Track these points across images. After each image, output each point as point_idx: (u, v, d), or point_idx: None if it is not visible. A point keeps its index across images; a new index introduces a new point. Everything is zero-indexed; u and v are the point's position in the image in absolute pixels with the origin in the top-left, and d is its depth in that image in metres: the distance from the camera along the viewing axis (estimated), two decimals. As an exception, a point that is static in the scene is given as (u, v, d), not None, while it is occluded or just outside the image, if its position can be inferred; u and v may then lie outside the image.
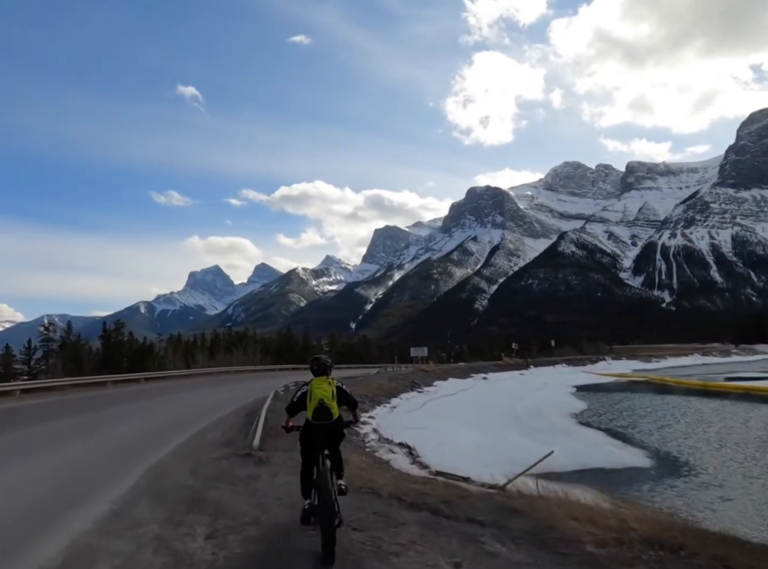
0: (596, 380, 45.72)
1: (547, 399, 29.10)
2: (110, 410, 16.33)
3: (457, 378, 37.21)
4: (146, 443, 9.72)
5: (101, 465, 7.76)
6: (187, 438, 10.34)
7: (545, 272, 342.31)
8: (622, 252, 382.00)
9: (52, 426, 12.10)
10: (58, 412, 15.37)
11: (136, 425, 12.68)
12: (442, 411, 23.23)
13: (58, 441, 9.77)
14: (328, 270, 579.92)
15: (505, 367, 50.97)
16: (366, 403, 20.79)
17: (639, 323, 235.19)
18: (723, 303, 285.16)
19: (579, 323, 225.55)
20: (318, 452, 4.39)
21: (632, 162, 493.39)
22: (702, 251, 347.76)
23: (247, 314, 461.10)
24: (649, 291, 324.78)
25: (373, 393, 23.89)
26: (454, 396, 29.83)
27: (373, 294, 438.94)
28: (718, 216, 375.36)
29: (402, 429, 15.86)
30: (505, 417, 22.21)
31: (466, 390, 33.31)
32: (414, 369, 37.74)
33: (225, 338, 52.01)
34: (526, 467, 9.32)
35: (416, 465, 10.93)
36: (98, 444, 9.65)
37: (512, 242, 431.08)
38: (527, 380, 41.98)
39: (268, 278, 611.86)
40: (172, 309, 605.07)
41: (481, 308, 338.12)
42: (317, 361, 4.70)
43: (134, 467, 7.31)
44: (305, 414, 4.44)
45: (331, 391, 4.40)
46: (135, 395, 21.86)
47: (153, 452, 8.53)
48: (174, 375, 32.99)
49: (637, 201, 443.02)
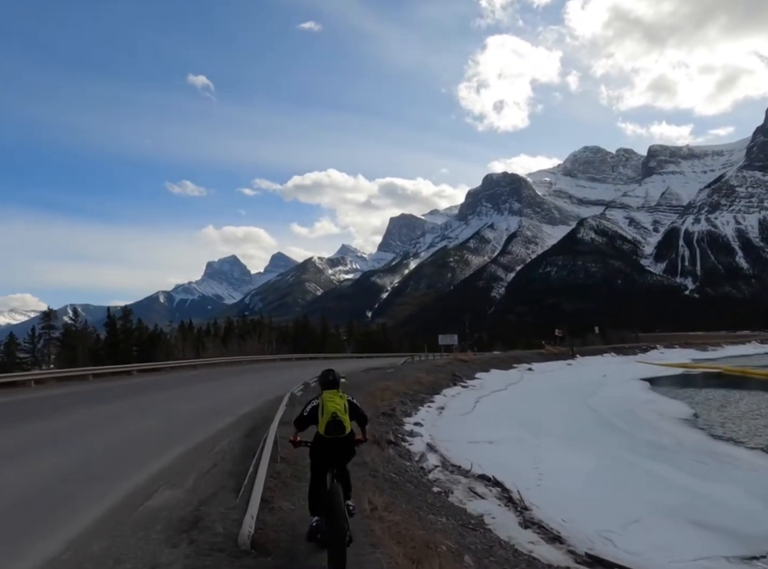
0: (660, 372, 40.34)
1: (624, 396, 25.08)
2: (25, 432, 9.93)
3: (500, 369, 34.27)
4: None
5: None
6: (110, 506, 5.33)
7: (564, 259, 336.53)
8: (644, 239, 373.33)
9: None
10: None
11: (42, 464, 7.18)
12: (502, 413, 19.54)
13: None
14: (344, 259, 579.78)
15: (549, 356, 46.84)
16: (407, 403, 17.92)
17: (661, 311, 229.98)
18: (749, 290, 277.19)
19: (598, 311, 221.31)
20: (329, 468, 4.33)
21: (654, 146, 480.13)
22: (727, 237, 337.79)
23: (264, 304, 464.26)
24: (672, 278, 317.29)
25: (412, 390, 20.57)
26: (503, 391, 26.40)
27: (389, 283, 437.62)
28: (744, 200, 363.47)
29: (464, 442, 12.75)
30: (594, 423, 18.06)
31: (516, 384, 29.92)
32: (450, 359, 34.61)
33: (239, 326, 50.70)
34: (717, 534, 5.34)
35: (533, 530, 6.76)
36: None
37: (530, 230, 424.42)
38: (579, 372, 37.90)
39: (284, 267, 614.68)
40: (191, 299, 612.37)
41: (498, 296, 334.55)
42: (331, 373, 4.55)
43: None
44: (315, 428, 4.34)
45: (343, 405, 4.33)
46: (106, 394, 17.38)
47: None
48: (174, 366, 29.45)
49: (659, 186, 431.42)
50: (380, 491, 6.60)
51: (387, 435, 11.97)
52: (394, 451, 10.90)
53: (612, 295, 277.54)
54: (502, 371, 33.77)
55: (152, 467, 6.88)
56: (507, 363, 38.02)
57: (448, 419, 17.27)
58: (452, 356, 38.22)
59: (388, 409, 15.71)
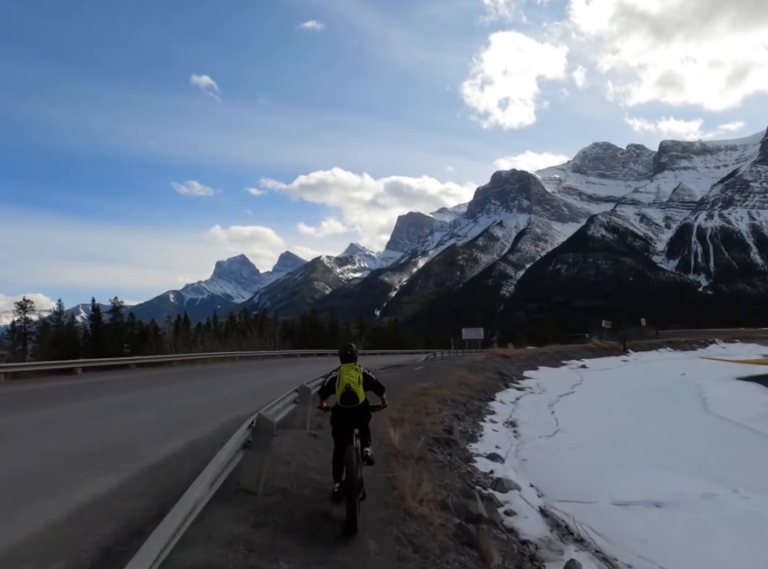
0: (745, 370, 33.36)
1: (748, 401, 19.81)
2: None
3: (549, 366, 30.07)
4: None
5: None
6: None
7: (574, 256, 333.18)
8: (655, 235, 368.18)
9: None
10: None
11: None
12: (605, 432, 13.88)
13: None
14: (352, 258, 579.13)
15: (598, 351, 41.68)
16: (463, 417, 12.93)
17: (674, 308, 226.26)
18: (764, 286, 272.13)
19: (610, 308, 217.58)
20: (348, 433, 4.79)
21: (666, 141, 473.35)
22: (741, 233, 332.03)
23: (272, 302, 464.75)
24: (685, 275, 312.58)
25: (460, 394, 15.69)
26: (573, 396, 21.11)
27: (397, 281, 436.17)
28: (759, 195, 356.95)
29: (606, 504, 7.49)
30: (744, 451, 12.39)
31: (580, 384, 24.86)
32: (489, 354, 30.47)
33: (241, 321, 48.73)
34: None
35: None
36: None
37: (539, 227, 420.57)
38: (647, 370, 32.83)
39: (292, 266, 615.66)
40: (200, 298, 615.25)
41: (508, 294, 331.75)
42: (348, 348, 5.09)
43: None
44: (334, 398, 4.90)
45: (357, 377, 4.84)
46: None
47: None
48: (143, 363, 23.73)
49: (671, 182, 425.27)
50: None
51: (462, 500, 6.38)
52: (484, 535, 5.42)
53: (623, 292, 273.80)
54: (552, 369, 29.46)
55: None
56: (554, 359, 33.61)
57: (536, 447, 11.48)
58: (490, 351, 33.78)
59: (440, 428, 10.47)
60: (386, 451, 7.52)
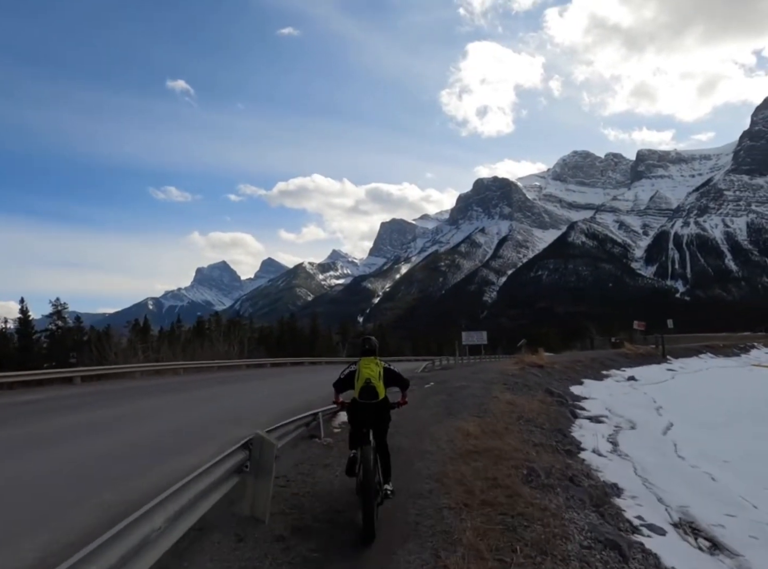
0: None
1: None
2: None
3: (592, 379, 23.90)
4: None
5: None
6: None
7: (555, 263, 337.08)
8: (634, 242, 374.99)
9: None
10: None
11: None
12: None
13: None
14: (334, 264, 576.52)
15: (635, 359, 35.70)
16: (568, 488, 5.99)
17: (653, 314, 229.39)
18: (739, 292, 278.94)
19: (591, 314, 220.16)
20: (365, 430, 4.57)
21: (642, 150, 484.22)
22: (716, 240, 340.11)
23: (255, 309, 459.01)
24: (662, 281, 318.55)
25: (533, 445, 8.27)
26: (675, 430, 12.96)
27: (380, 287, 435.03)
28: (732, 203, 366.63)
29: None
30: None
31: (659, 407, 16.64)
32: (518, 362, 24.15)
33: (210, 326, 44.43)
34: None
35: None
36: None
37: (521, 233, 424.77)
38: (707, 382, 26.49)
39: (274, 272, 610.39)
40: (180, 305, 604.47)
41: (490, 300, 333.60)
42: (368, 341, 4.92)
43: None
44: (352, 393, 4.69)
45: (378, 371, 4.65)
46: None
47: None
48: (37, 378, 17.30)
49: (648, 190, 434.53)
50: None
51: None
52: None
53: (603, 298, 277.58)
54: (598, 382, 23.22)
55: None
56: (593, 369, 27.37)
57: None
58: (517, 358, 27.21)
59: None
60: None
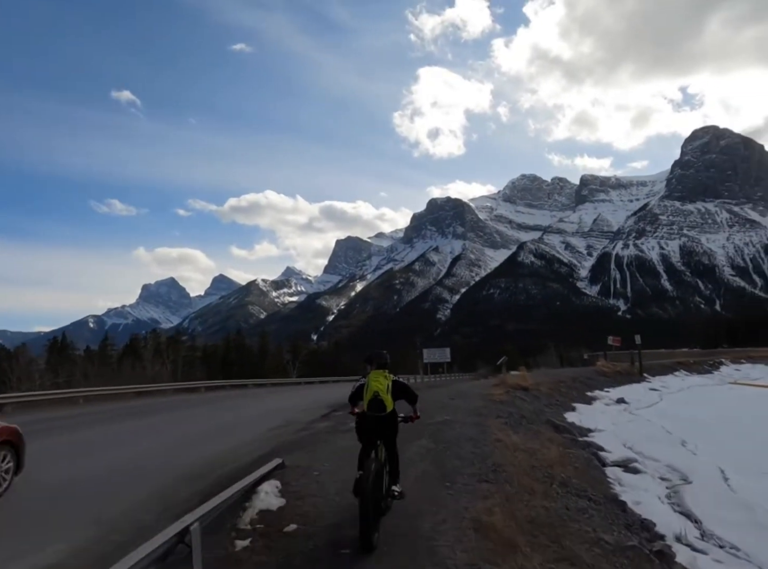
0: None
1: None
2: None
3: (581, 402, 21.19)
4: None
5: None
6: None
7: (506, 281, 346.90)
8: (579, 262, 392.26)
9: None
10: None
11: None
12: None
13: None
14: (288, 281, 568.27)
15: (613, 377, 32.50)
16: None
17: (597, 331, 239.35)
18: (674, 311, 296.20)
19: (540, 331, 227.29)
20: (373, 442, 4.73)
21: (585, 175, 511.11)
22: (653, 261, 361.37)
23: (204, 327, 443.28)
24: (605, 300, 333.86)
25: (569, 540, 4.56)
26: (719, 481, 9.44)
27: (335, 305, 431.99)
28: (666, 227, 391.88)
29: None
30: None
31: (682, 441, 13.37)
32: (500, 383, 21.15)
33: (146, 345, 40.73)
34: None
35: None
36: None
37: (473, 253, 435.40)
38: (695, 403, 23.88)
39: (226, 290, 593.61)
40: (124, 323, 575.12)
41: (444, 317, 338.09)
42: (379, 355, 5.02)
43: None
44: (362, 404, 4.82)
45: (386, 385, 4.71)
46: None
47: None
48: None
49: (591, 213, 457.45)
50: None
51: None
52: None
53: (553, 316, 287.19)
54: (588, 406, 20.49)
55: None
56: (577, 391, 24.65)
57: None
58: (500, 379, 20.80)
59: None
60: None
